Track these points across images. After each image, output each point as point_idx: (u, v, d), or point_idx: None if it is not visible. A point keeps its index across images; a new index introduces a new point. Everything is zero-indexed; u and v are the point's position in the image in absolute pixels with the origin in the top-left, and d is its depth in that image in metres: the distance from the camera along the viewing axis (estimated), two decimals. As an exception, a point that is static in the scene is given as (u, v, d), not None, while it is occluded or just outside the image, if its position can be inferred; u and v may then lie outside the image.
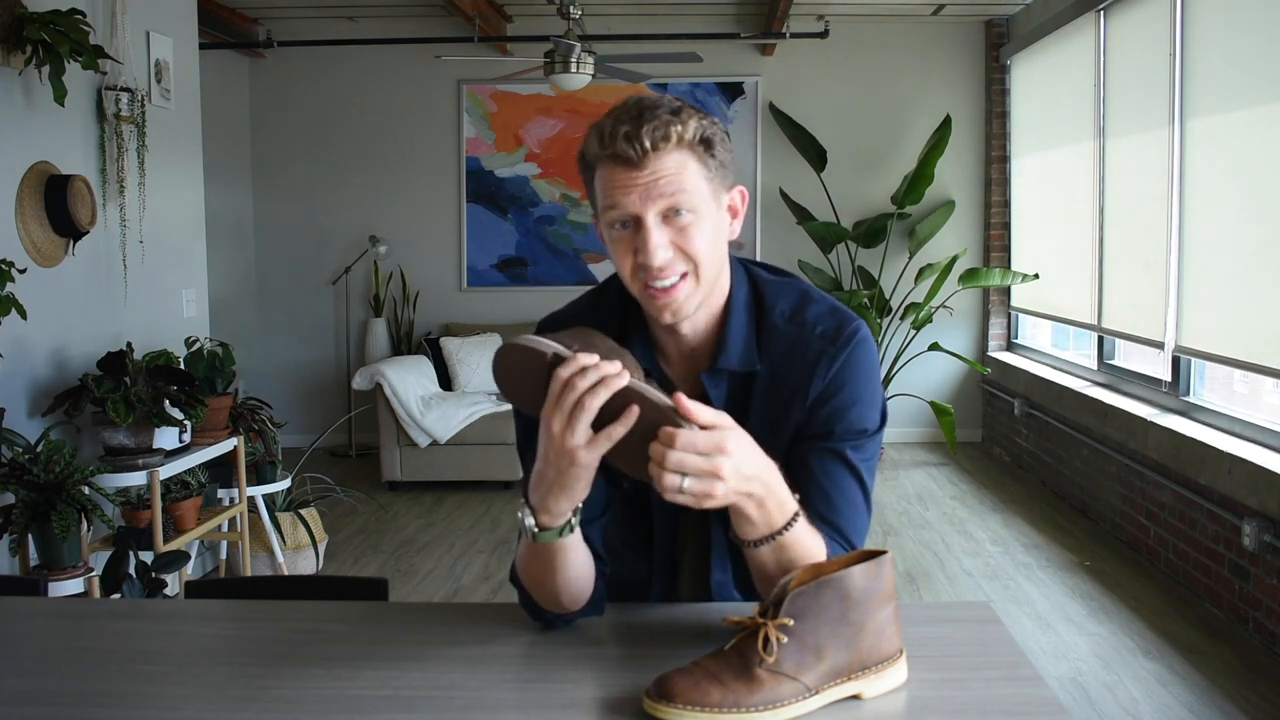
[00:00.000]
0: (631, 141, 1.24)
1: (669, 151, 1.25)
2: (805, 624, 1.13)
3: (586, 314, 1.44)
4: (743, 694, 1.10)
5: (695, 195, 1.26)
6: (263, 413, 3.93)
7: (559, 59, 5.15)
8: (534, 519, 1.24)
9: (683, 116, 1.26)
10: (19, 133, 3.11)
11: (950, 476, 5.94)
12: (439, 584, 4.23)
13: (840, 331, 1.36)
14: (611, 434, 1.16)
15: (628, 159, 1.24)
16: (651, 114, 1.25)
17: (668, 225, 1.27)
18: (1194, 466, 3.82)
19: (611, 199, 1.27)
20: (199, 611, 1.58)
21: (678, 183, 1.25)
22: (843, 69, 6.70)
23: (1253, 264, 3.68)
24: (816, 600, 1.14)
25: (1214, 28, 3.94)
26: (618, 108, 1.29)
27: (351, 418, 6.58)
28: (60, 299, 3.28)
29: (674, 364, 1.42)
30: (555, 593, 1.31)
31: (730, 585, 1.47)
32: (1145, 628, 3.61)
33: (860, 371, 1.37)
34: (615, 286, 1.44)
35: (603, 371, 1.14)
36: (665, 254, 1.26)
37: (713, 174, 1.29)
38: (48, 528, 2.78)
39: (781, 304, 1.39)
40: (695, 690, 1.10)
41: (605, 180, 1.27)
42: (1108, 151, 4.99)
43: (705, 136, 1.27)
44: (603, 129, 1.26)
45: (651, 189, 1.25)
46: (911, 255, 6.57)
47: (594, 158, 1.28)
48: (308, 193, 6.94)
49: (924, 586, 4.09)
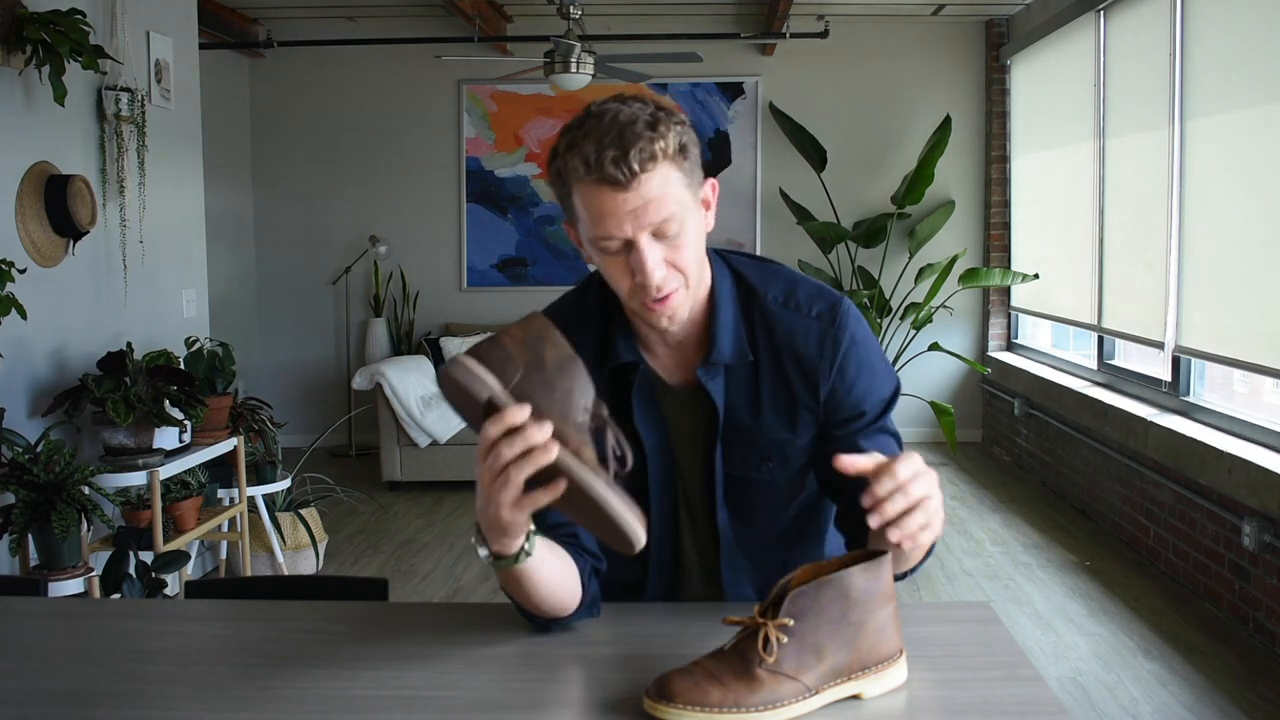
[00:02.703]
0: (619, 166, 1.21)
1: (654, 171, 1.23)
2: (805, 624, 1.13)
3: (569, 312, 1.43)
4: (743, 694, 1.10)
5: (681, 208, 1.26)
6: (263, 413, 3.93)
7: (559, 59, 5.15)
8: (487, 549, 1.20)
9: (661, 130, 1.23)
10: (19, 133, 3.11)
11: (950, 476, 5.93)
12: (439, 584, 4.23)
13: (835, 311, 1.40)
14: (536, 500, 1.11)
15: (615, 182, 1.22)
16: (633, 133, 1.22)
17: (659, 241, 1.26)
18: (1194, 466, 3.82)
19: (602, 226, 1.25)
20: (199, 611, 1.58)
21: (666, 202, 1.24)
22: (843, 69, 6.70)
23: (1253, 264, 3.68)
24: (816, 600, 1.13)
25: (1214, 28, 3.94)
26: (592, 124, 1.24)
27: (351, 418, 6.57)
28: (60, 299, 3.28)
29: (660, 357, 1.42)
30: (536, 606, 1.30)
31: (741, 583, 1.47)
32: (1145, 628, 3.61)
33: (864, 346, 1.40)
34: (596, 283, 1.44)
35: (529, 441, 1.08)
36: (662, 271, 1.26)
37: (690, 179, 1.28)
38: (48, 528, 2.78)
39: (772, 290, 1.40)
40: (695, 690, 1.10)
41: (590, 203, 1.25)
42: (1108, 151, 4.99)
43: (682, 144, 1.26)
44: (585, 153, 1.22)
45: (641, 213, 1.23)
46: (911, 255, 6.57)
47: (575, 179, 1.25)
48: (308, 193, 6.94)
49: (924, 586, 4.09)
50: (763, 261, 1.46)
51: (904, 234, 6.61)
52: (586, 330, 1.41)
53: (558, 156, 1.27)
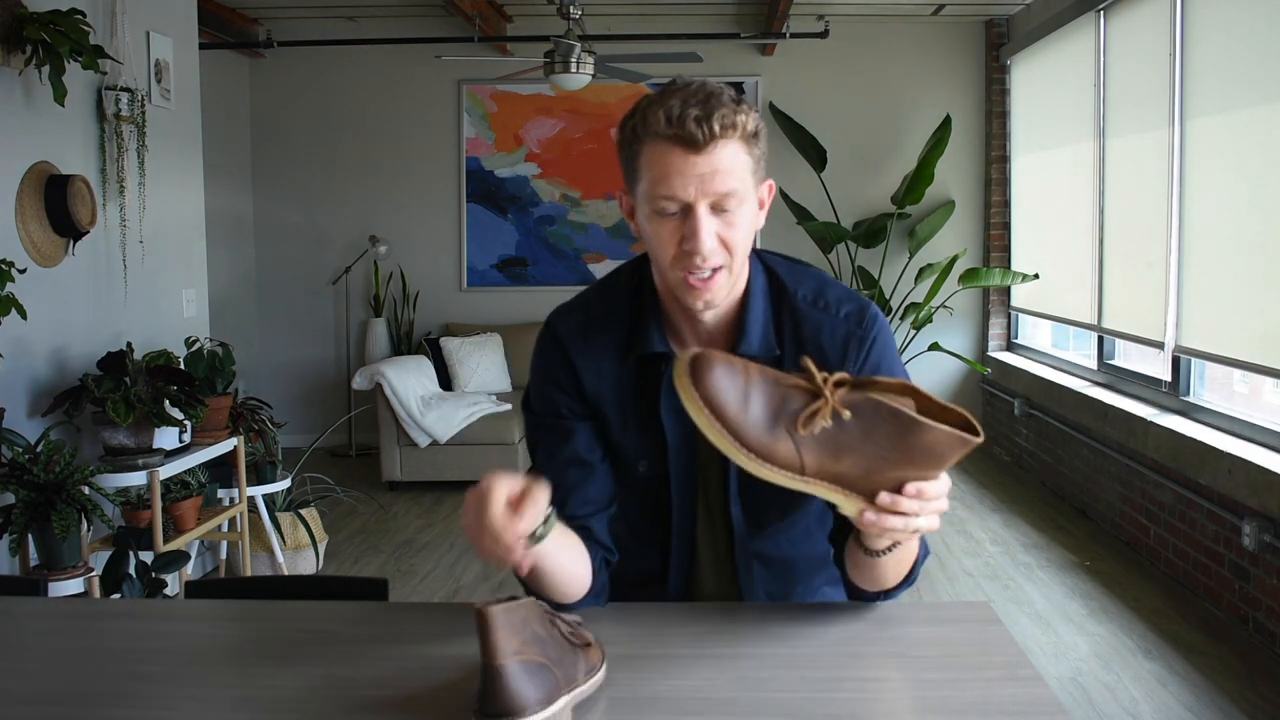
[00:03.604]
0: (701, 125, 1.23)
1: (730, 141, 1.25)
2: (853, 426, 1.11)
3: (596, 304, 1.45)
4: (752, 428, 1.09)
5: (743, 188, 1.28)
6: (263, 413, 3.93)
7: (559, 59, 5.14)
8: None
9: (743, 107, 1.27)
10: (19, 133, 3.11)
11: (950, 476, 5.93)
12: (439, 584, 4.23)
13: (864, 314, 1.41)
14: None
15: (694, 142, 1.23)
16: (718, 101, 1.25)
17: (715, 216, 1.27)
18: (1194, 466, 3.82)
19: (666, 184, 1.26)
20: (199, 611, 1.58)
21: (731, 177, 1.26)
22: (843, 69, 6.70)
23: (1252, 264, 3.68)
24: (882, 419, 1.11)
25: (1214, 28, 3.94)
26: (677, 88, 1.27)
27: (351, 418, 6.57)
28: (60, 299, 3.28)
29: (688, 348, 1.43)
30: (547, 590, 1.33)
31: (752, 582, 1.47)
32: (1145, 628, 3.61)
33: (889, 351, 1.42)
34: (625, 274, 1.45)
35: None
36: (712, 242, 1.27)
37: (756, 166, 1.30)
38: (48, 528, 2.78)
39: (803, 289, 1.42)
40: (723, 391, 1.08)
41: (658, 161, 1.26)
42: (1108, 151, 4.99)
43: (757, 129, 1.28)
44: (669, 107, 1.24)
45: (709, 179, 1.25)
46: (911, 255, 6.57)
47: (650, 135, 1.26)
48: (308, 193, 6.94)
49: (924, 586, 4.09)
50: (795, 261, 1.48)
51: (904, 234, 6.61)
52: (613, 320, 1.42)
53: (637, 113, 1.28)
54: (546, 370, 1.44)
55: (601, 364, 1.41)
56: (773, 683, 1.21)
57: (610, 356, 1.41)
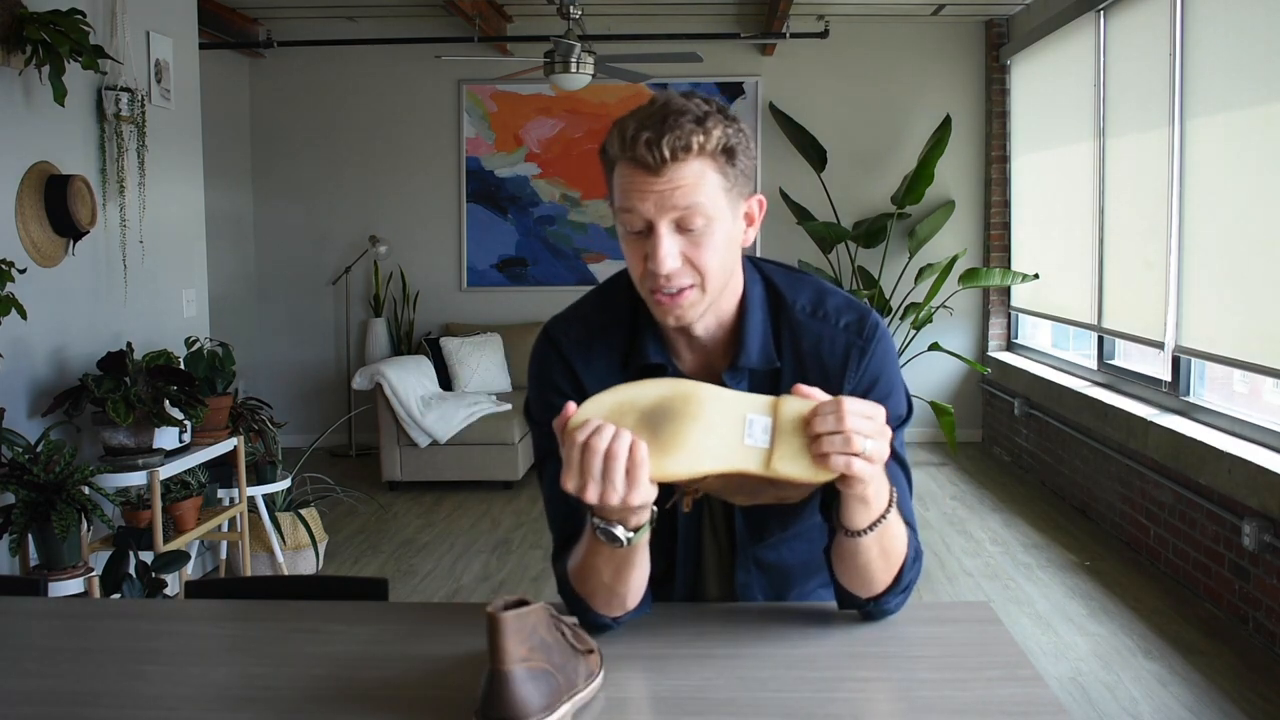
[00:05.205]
0: (651, 149, 1.22)
1: (689, 161, 1.23)
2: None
3: (593, 313, 1.45)
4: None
5: (710, 206, 1.25)
6: (263, 413, 3.93)
7: (559, 59, 5.15)
8: (620, 527, 1.21)
9: (707, 125, 1.23)
10: (19, 133, 3.11)
11: (950, 476, 5.94)
12: (439, 584, 4.23)
13: (863, 323, 1.40)
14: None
15: (646, 165, 1.23)
16: (676, 121, 1.22)
17: (680, 234, 1.26)
18: (1194, 466, 3.82)
19: (627, 202, 1.25)
20: (199, 611, 1.58)
21: (694, 194, 1.23)
22: (843, 69, 6.70)
23: (1252, 264, 3.68)
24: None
25: (1214, 27, 3.94)
26: (645, 107, 1.27)
27: (351, 418, 6.58)
28: (60, 299, 3.28)
29: (685, 360, 1.42)
30: (625, 594, 1.30)
31: (753, 587, 1.47)
32: (1145, 628, 3.61)
33: (889, 362, 1.41)
34: (624, 283, 1.44)
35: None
36: (673, 263, 1.25)
37: (732, 184, 1.27)
38: (48, 528, 2.78)
39: (801, 299, 1.41)
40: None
41: (623, 181, 1.26)
42: (1108, 151, 4.99)
43: (728, 146, 1.25)
44: (625, 129, 1.24)
45: (666, 198, 1.23)
46: (911, 255, 6.57)
47: (615, 154, 1.27)
48: (308, 193, 6.94)
49: (924, 586, 4.09)
50: (794, 271, 1.47)
51: (904, 234, 6.61)
52: (613, 329, 1.41)
53: (611, 131, 1.29)
54: (548, 378, 1.43)
55: (604, 375, 1.40)
56: (773, 683, 1.21)
57: (612, 366, 1.41)
